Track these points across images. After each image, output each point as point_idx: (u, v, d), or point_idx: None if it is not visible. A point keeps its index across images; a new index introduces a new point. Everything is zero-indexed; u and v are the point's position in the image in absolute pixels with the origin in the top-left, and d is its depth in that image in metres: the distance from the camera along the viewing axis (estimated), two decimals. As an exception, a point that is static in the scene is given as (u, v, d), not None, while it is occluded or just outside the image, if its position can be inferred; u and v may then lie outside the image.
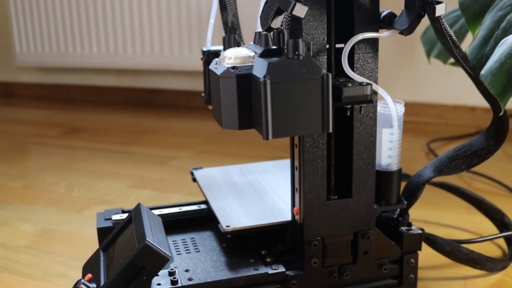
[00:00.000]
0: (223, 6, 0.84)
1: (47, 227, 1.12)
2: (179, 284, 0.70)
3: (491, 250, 0.95)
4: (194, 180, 0.96)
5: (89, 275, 0.66)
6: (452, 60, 1.10)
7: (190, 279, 0.72)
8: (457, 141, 1.55)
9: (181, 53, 2.03)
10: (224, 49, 0.73)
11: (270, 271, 0.73)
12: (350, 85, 0.65)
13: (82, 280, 0.64)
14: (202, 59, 0.85)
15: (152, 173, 1.44)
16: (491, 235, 0.90)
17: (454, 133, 1.65)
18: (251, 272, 0.73)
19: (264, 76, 0.57)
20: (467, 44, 0.80)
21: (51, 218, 1.17)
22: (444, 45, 0.69)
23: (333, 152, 0.73)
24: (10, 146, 1.77)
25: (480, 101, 1.71)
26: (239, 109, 0.61)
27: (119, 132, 1.88)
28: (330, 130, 0.60)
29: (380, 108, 0.73)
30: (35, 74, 2.46)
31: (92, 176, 1.42)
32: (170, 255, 0.63)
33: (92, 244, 0.76)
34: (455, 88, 1.77)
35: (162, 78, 2.20)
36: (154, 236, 0.65)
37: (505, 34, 0.76)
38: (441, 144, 1.59)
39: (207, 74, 0.74)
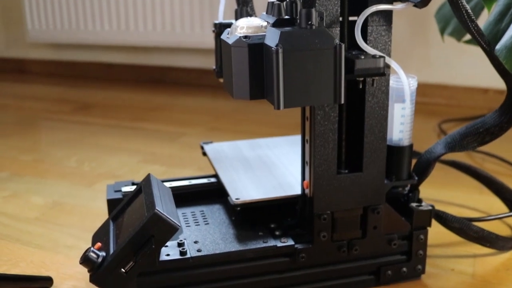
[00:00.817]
0: (235, -22, 0.83)
1: (57, 200, 1.13)
2: (188, 255, 0.71)
3: (501, 229, 0.95)
4: (204, 154, 0.96)
5: (99, 244, 0.67)
6: (466, 37, 1.09)
7: (199, 250, 0.72)
8: (469, 123, 1.54)
9: (192, 30, 2.02)
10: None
11: (279, 244, 0.73)
12: (362, 57, 0.64)
13: (92, 248, 0.64)
14: (213, 31, 0.84)
15: (162, 148, 1.44)
16: (501, 214, 0.89)
17: (466, 115, 1.64)
18: (260, 244, 0.73)
19: (277, 45, 0.57)
20: (482, 22, 0.79)
21: (61, 191, 1.17)
22: (459, 19, 0.68)
23: (344, 125, 0.72)
24: (21, 121, 1.78)
25: (493, 82, 1.71)
26: (251, 79, 0.60)
27: (130, 108, 1.88)
28: (342, 101, 0.60)
29: (392, 82, 0.73)
30: (46, 50, 2.46)
31: (103, 151, 1.43)
32: (179, 225, 0.63)
33: (102, 217, 0.77)
34: (468, 69, 1.75)
35: (173, 56, 2.19)
36: (164, 205, 0.65)
37: (521, 9, 0.75)
38: (453, 125, 1.58)
39: (219, 46, 0.73)
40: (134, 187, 0.85)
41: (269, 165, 0.88)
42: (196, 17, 2.01)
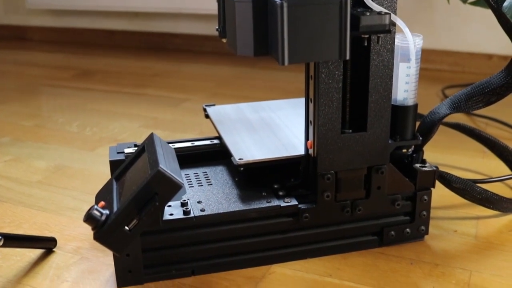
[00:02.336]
0: None
1: (60, 163, 1.13)
2: (192, 215, 0.71)
3: (504, 191, 0.95)
4: (207, 116, 0.95)
5: (102, 203, 0.66)
6: (472, -1, 1.08)
7: (202, 210, 0.72)
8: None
9: (194, -4, 2.00)
10: (240, -21, 0.71)
11: (283, 204, 0.73)
12: (368, 14, 0.63)
13: (95, 206, 0.64)
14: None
15: (164, 114, 1.43)
16: (504, 176, 0.89)
17: (470, 81, 1.63)
18: (263, 204, 0.73)
19: (281, 0, 0.56)
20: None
21: (64, 156, 1.17)
22: (466, -25, 0.67)
23: (349, 84, 0.71)
24: (22, 87, 1.77)
25: (497, 48, 1.69)
26: (255, 34, 0.60)
27: (131, 75, 1.87)
28: (348, 57, 0.59)
29: (397, 41, 0.72)
30: (47, 17, 2.44)
31: (105, 116, 1.42)
32: (182, 182, 0.63)
33: (104, 180, 0.76)
34: (472, 35, 1.73)
35: (175, 22, 2.17)
36: (167, 163, 0.64)
37: (529, -34, 0.74)
38: (456, 91, 1.55)
39: (221, 3, 0.72)
40: (136, 149, 0.85)
41: (272, 126, 0.87)
42: (198, -18, 1.98)
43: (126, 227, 0.63)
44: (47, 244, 0.81)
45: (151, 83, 1.76)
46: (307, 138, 0.74)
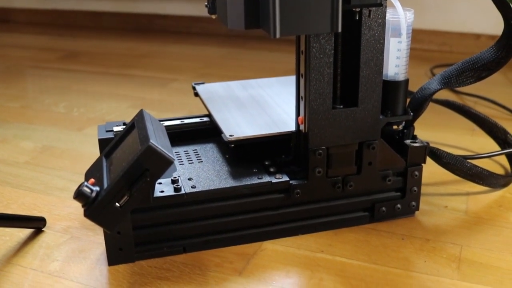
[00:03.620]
0: None
1: (47, 144, 1.11)
2: (183, 191, 0.70)
3: (493, 168, 0.95)
4: (196, 94, 0.94)
5: (92, 180, 0.66)
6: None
7: (193, 187, 0.71)
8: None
9: (181, -24, 1.98)
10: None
11: (274, 180, 0.73)
12: (360, -14, 0.63)
13: (85, 183, 0.63)
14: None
15: (152, 94, 1.42)
16: (493, 152, 0.89)
17: (458, 60, 1.62)
18: (254, 181, 0.73)
19: (273, -30, 0.55)
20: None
21: (51, 136, 1.16)
22: None
23: (340, 60, 0.71)
24: (7, 69, 1.74)
25: (485, 28, 1.69)
26: (246, 7, 0.59)
27: (118, 56, 1.85)
28: (339, 30, 0.58)
29: (389, 15, 0.71)
30: (31, -1, 2.41)
31: (92, 97, 1.41)
32: (173, 158, 0.62)
33: (93, 160, 0.75)
34: (460, 16, 1.73)
35: (162, 3, 2.15)
36: (158, 139, 0.64)
37: None
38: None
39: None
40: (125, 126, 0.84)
41: (262, 104, 0.87)
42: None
43: (117, 204, 0.62)
44: (36, 224, 0.80)
45: (138, 64, 1.75)
46: (298, 114, 0.74)
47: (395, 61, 0.73)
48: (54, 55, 1.89)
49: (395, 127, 0.78)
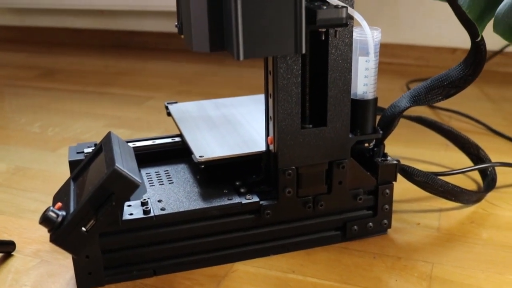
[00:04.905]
0: None
1: (20, 165, 1.10)
2: (152, 214, 0.70)
3: (466, 183, 0.95)
4: (169, 114, 0.94)
5: (59, 204, 0.65)
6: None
7: (162, 209, 0.71)
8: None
9: (158, -7, 1.98)
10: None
11: (244, 201, 0.72)
12: (325, 7, 0.63)
13: (51, 208, 0.63)
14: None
15: (128, 112, 1.41)
16: (465, 168, 0.90)
17: (434, 74, 1.64)
18: (224, 202, 0.72)
19: (235, -7, 0.55)
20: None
21: (24, 157, 1.15)
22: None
23: (308, 79, 0.71)
24: (-17, 88, 1.73)
25: (460, 42, 1.71)
26: (210, 30, 0.59)
27: (96, 73, 1.84)
28: (304, 51, 0.58)
29: (356, 34, 0.71)
30: (9, 16, 2.39)
31: (68, 116, 1.40)
32: (139, 181, 0.62)
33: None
34: (436, 30, 1.75)
35: (140, 20, 2.15)
36: (124, 162, 0.63)
37: (485, -41, 0.74)
38: (421, 85, 1.58)
39: (179, -1, 0.71)
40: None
41: (234, 123, 0.87)
42: (162, -21, 1.96)
43: (83, 228, 0.62)
44: (5, 248, 0.79)
45: (116, 81, 1.74)
46: (267, 134, 0.74)
47: (364, 80, 0.73)
48: (32, 73, 1.88)
49: (365, 144, 0.78)
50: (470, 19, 0.67)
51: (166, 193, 0.75)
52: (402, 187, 0.85)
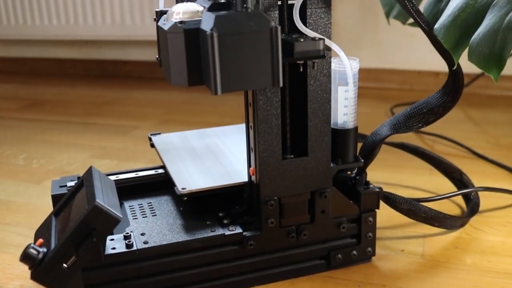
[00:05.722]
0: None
1: (4, 199, 1.10)
2: (134, 248, 0.69)
3: (450, 208, 0.96)
4: (152, 146, 0.94)
5: (40, 240, 0.65)
6: (411, 20, 1.10)
7: (145, 242, 0.70)
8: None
9: (143, 22, 1.99)
10: (177, 7, 0.71)
11: (227, 233, 0.72)
12: (302, 40, 0.64)
13: (32, 245, 0.62)
14: (155, 19, 0.82)
15: (114, 143, 1.41)
16: (449, 193, 0.90)
17: (418, 98, 1.65)
18: (207, 234, 0.72)
19: (211, 29, 0.55)
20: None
21: (8, 190, 1.14)
22: (397, 0, 0.68)
23: (288, 110, 0.72)
24: (-32, 120, 1.73)
25: (443, 66, 1.72)
26: (188, 65, 0.59)
27: (81, 104, 1.84)
28: (281, 84, 0.59)
29: (335, 65, 0.72)
30: (-5, 47, 2.40)
31: (53, 147, 1.40)
32: (120, 216, 0.62)
33: (49, 213, 0.76)
34: (419, 54, 1.77)
35: (124, 49, 2.16)
36: (105, 197, 0.63)
37: (459, -11, 0.75)
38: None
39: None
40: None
41: (217, 154, 0.87)
42: (146, 9, 1.98)
43: (64, 265, 0.62)
44: (-13, 284, 0.78)
45: (101, 111, 1.74)
46: (249, 165, 0.74)
47: (343, 110, 0.74)
48: (17, 104, 1.88)
49: (348, 172, 0.78)
50: (446, 48, 0.68)
51: (149, 226, 0.75)
52: (385, 213, 0.85)
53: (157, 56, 0.84)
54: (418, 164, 1.04)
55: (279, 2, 0.67)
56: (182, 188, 0.75)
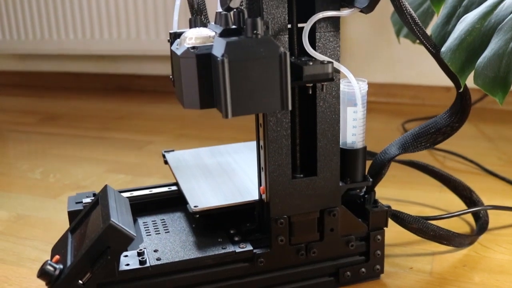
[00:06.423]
0: (188, -13, 0.84)
1: (21, 213, 1.12)
2: (148, 264, 0.71)
3: (459, 226, 0.97)
4: (166, 162, 0.96)
5: (57, 257, 0.67)
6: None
7: (158, 259, 0.72)
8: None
9: (157, 37, 2.02)
10: (190, 30, 0.74)
11: (238, 250, 0.74)
12: (311, 63, 0.65)
13: (49, 261, 0.64)
14: (169, 41, 0.85)
15: (128, 157, 1.44)
16: (458, 211, 0.91)
17: (429, 114, 1.66)
18: (218, 251, 0.74)
19: (222, 55, 0.57)
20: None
21: (26, 204, 1.17)
22: (404, 23, 0.70)
23: (298, 130, 0.73)
24: (-14, 133, 1.76)
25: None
26: (200, 88, 0.61)
27: (97, 118, 1.88)
28: (290, 108, 0.61)
29: (343, 86, 0.74)
30: (12, 61, 2.44)
31: (69, 162, 1.42)
32: (134, 235, 0.64)
33: (66, 228, 0.77)
34: (431, 69, 1.77)
35: (139, 63, 2.19)
36: (120, 216, 0.65)
37: (466, 11, 0.77)
38: (416, 124, 1.59)
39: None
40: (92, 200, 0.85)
41: (228, 171, 0.89)
42: (161, 23, 2.01)
43: (80, 281, 0.64)
44: (5, 298, 0.81)
45: (116, 125, 1.77)
46: (260, 184, 0.76)
47: (352, 130, 0.75)
48: (34, 118, 1.92)
49: (357, 190, 0.80)
50: (452, 71, 0.70)
51: (162, 243, 0.77)
52: (394, 230, 0.86)
53: (171, 76, 0.86)
54: (428, 180, 1.05)
55: (289, 26, 0.69)
56: (195, 206, 0.76)
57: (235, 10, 0.64)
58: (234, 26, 0.63)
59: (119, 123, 1.79)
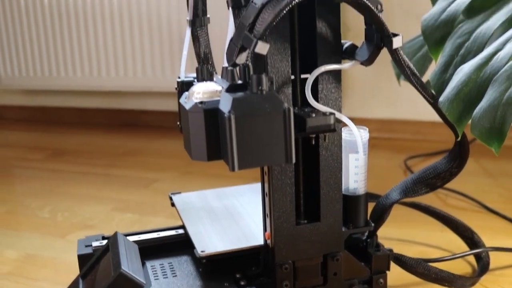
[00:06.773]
0: (195, 37, 0.87)
1: (30, 252, 1.14)
2: (156, 309, 0.73)
3: (461, 266, 0.98)
4: (173, 205, 0.99)
5: (68, 303, 0.69)
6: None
7: (166, 304, 0.74)
8: (434, 157, 1.58)
9: (163, 75, 2.06)
10: (197, 79, 0.76)
11: (243, 294, 0.76)
12: (313, 115, 0.68)
13: (61, 308, 0.66)
14: (176, 89, 0.88)
15: (135, 196, 1.46)
16: (459, 253, 0.93)
17: (432, 149, 1.69)
18: (225, 295, 0.76)
19: (229, 111, 0.60)
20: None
21: (34, 244, 1.19)
22: (403, 74, 0.73)
23: (301, 178, 0.76)
24: (-5, 170, 1.79)
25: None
26: (207, 141, 0.64)
27: (103, 154, 1.90)
28: (293, 161, 0.63)
29: (345, 134, 0.76)
30: (20, 97, 2.48)
31: (76, 200, 1.45)
32: (144, 282, 0.66)
33: (74, 269, 0.79)
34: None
35: (145, 100, 2.23)
36: (130, 263, 0.67)
37: (463, 61, 0.80)
38: (419, 161, 1.62)
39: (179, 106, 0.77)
40: (104, 241, 0.87)
41: (234, 215, 0.91)
42: (167, 61, 2.05)
43: (91, 328, 0.65)
44: None
45: (122, 162, 1.80)
46: (265, 230, 0.78)
47: (354, 177, 0.78)
48: (41, 153, 1.94)
49: (358, 235, 0.82)
50: (450, 120, 0.72)
51: (169, 287, 0.79)
52: (397, 271, 0.88)
53: (178, 123, 0.89)
54: (430, 220, 1.07)
55: (292, 77, 0.72)
56: (201, 251, 0.78)
57: (241, 65, 0.66)
58: (240, 82, 0.66)
59: (125, 160, 1.82)
